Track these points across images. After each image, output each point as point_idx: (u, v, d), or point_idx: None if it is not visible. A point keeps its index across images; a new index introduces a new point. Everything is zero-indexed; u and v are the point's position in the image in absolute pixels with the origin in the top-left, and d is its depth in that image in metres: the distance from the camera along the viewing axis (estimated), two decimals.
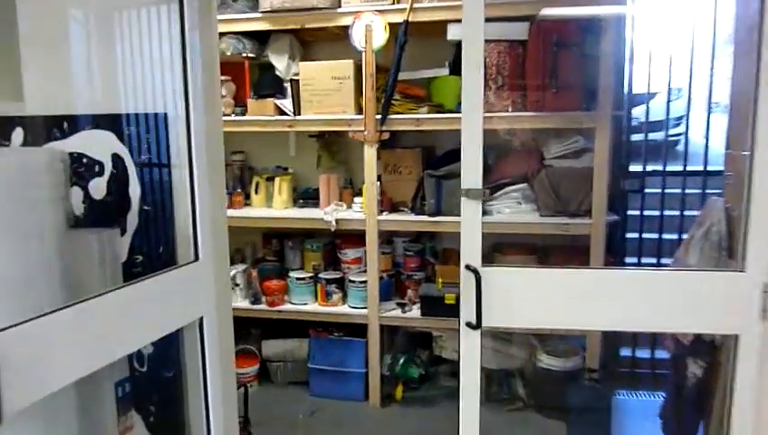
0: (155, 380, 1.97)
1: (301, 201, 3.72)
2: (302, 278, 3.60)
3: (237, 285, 3.68)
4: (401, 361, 3.53)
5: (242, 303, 3.68)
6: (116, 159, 1.85)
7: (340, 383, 3.59)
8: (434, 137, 3.65)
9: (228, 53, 3.44)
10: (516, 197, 3.35)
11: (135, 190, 1.86)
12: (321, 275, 3.59)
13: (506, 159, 3.51)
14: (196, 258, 1.81)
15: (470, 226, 1.65)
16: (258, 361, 3.81)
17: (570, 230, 3.19)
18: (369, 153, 3.30)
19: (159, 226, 1.87)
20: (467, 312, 1.67)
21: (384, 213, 3.40)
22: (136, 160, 1.84)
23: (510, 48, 3.17)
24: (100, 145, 1.86)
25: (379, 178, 3.45)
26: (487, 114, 3.27)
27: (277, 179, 3.68)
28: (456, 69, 3.42)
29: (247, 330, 3.97)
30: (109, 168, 1.86)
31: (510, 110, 3.21)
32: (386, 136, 3.29)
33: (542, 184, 3.29)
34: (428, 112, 3.27)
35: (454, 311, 3.33)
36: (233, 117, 3.51)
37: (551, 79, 3.19)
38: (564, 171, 3.28)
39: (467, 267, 1.65)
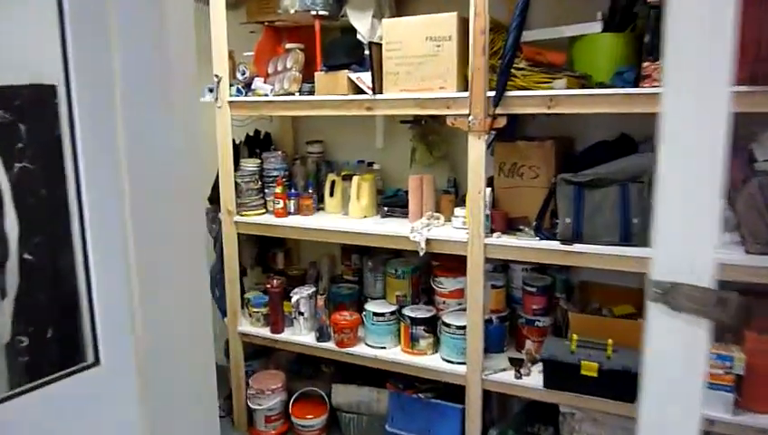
0: None
1: (386, 209, 2.80)
2: (381, 315, 2.69)
3: (301, 313, 2.86)
4: None
5: (305, 337, 2.86)
6: None
7: None
8: (574, 123, 2.55)
9: (293, 11, 2.59)
10: None
11: (12, 225, 1.04)
12: (406, 312, 2.66)
13: None
14: (96, 361, 0.96)
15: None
16: (327, 409, 2.99)
17: None
18: (477, 148, 2.29)
19: (50, 287, 1.04)
20: None
21: (495, 234, 2.37)
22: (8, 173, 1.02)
23: None
24: None
25: (490, 183, 2.43)
26: (651, 89, 2.12)
27: (355, 179, 2.79)
28: (614, 23, 2.28)
29: (316, 367, 3.17)
30: None
31: None
32: (501, 123, 2.25)
33: (752, 202, 2.07)
34: (568, 87, 2.17)
35: (594, 387, 2.27)
36: (297, 96, 2.66)
37: None
38: None
39: None
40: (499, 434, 2.55)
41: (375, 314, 2.68)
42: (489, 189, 2.39)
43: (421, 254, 2.45)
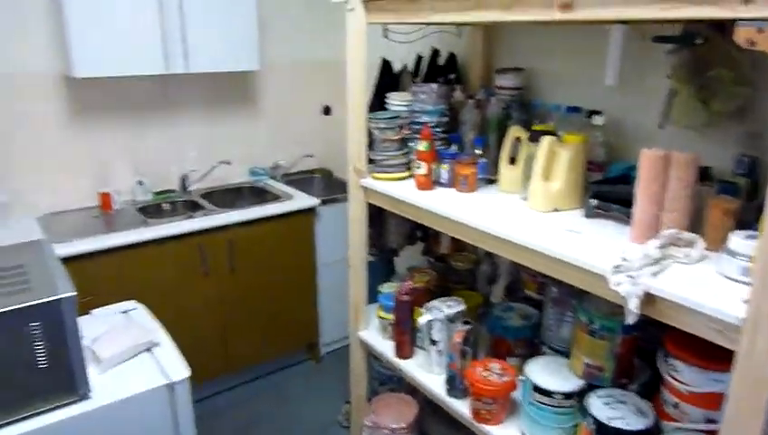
0: None
1: (594, 202, 1.52)
2: (549, 395, 1.50)
3: (434, 342, 1.84)
4: None
5: (435, 378, 1.84)
6: None
7: None
8: None
9: None
10: None
11: None
12: (594, 406, 1.42)
13: None
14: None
15: None
16: None
17: None
18: None
19: None
20: None
21: None
22: None
23: None
24: None
25: None
26: None
27: (546, 142, 1.56)
28: None
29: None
30: None
31: None
32: None
33: None
34: None
35: None
36: None
37: None
38: None
39: None
40: None
41: (539, 389, 1.51)
42: None
43: (631, 321, 1.17)
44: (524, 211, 1.60)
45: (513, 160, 1.77)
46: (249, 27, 2.67)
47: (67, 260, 2.15)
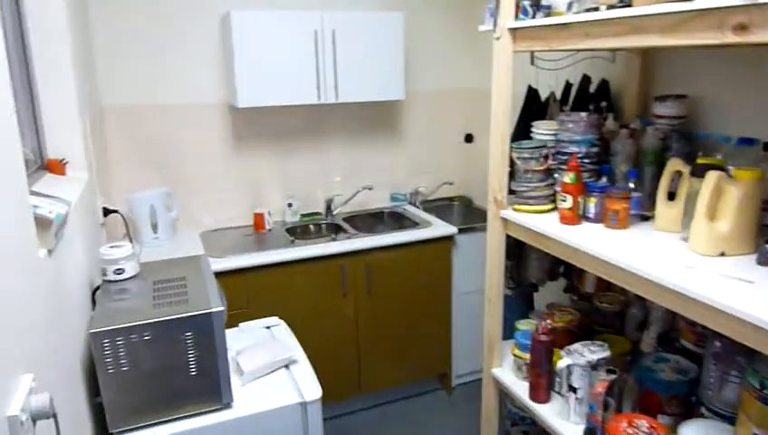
0: None
1: None
2: None
3: (574, 389, 1.70)
4: None
5: (569, 427, 1.70)
6: None
7: None
8: None
9: None
10: None
11: None
12: None
13: None
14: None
15: None
16: None
17: None
18: None
19: None
20: None
21: None
22: None
23: None
24: None
25: None
26: None
27: (713, 177, 1.39)
28: None
29: None
30: None
31: None
32: None
33: None
34: None
35: None
36: (599, 13, 1.41)
37: None
38: None
39: None
40: None
41: None
42: None
43: None
44: (684, 254, 1.44)
45: (671, 196, 1.62)
46: (396, 59, 2.75)
47: (221, 274, 2.34)
